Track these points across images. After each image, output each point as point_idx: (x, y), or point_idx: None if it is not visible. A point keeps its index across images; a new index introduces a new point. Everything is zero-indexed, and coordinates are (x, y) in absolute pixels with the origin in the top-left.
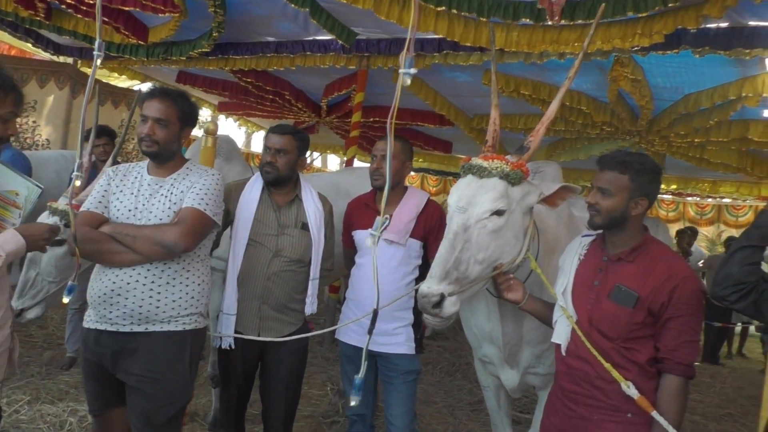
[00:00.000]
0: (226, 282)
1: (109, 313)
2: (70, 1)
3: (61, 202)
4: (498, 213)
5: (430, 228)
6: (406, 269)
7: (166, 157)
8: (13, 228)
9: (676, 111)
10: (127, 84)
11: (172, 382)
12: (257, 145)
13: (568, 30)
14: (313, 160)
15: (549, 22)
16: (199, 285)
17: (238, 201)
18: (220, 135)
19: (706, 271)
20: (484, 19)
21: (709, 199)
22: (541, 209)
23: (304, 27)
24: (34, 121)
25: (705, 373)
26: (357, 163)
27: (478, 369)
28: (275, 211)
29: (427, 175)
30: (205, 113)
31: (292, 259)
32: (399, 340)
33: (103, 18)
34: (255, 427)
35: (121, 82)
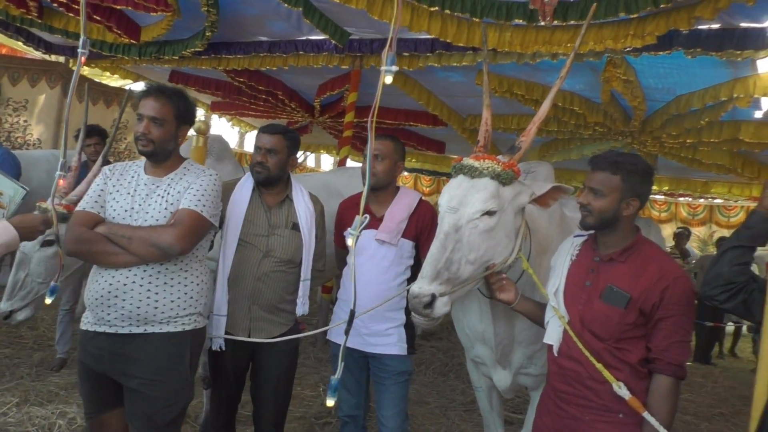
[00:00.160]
0: (217, 283)
1: (107, 314)
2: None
3: (50, 202)
4: (489, 213)
5: (422, 228)
6: (398, 269)
7: (162, 156)
8: (5, 220)
9: (668, 112)
10: (119, 83)
11: (174, 384)
12: (250, 145)
13: (561, 31)
14: (306, 158)
15: (542, 23)
16: (197, 285)
17: (229, 201)
18: (212, 134)
19: (698, 271)
20: (477, 20)
21: (701, 200)
22: (533, 209)
23: (297, 27)
24: (26, 121)
25: (696, 373)
26: (350, 163)
27: (471, 369)
28: (266, 211)
29: (420, 175)
30: (198, 113)
31: (283, 259)
32: (391, 341)
33: (96, 17)
34: (246, 429)
35: (114, 81)
